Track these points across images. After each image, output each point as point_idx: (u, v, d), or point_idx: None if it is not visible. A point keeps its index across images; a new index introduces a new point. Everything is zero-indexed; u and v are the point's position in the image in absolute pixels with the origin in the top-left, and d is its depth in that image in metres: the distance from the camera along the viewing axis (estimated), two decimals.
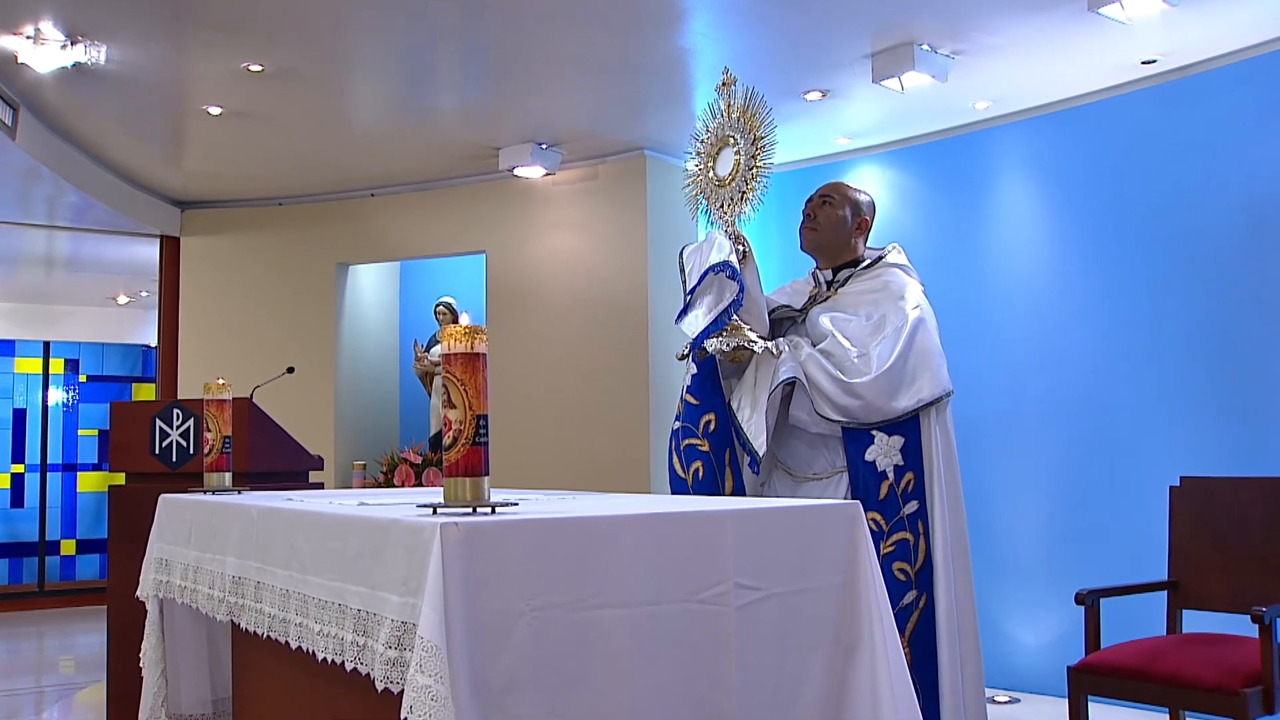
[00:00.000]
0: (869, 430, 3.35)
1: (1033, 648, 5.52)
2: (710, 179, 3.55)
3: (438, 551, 1.80)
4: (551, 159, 6.42)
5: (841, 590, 2.26)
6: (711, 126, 3.59)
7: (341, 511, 2.24)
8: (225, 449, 3.42)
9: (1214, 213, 5.00)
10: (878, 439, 3.35)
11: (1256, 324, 4.83)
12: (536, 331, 6.88)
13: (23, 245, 8.25)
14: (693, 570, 2.07)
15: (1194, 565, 3.89)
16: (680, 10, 4.54)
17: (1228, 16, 4.54)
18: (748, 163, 3.45)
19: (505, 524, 1.89)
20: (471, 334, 1.98)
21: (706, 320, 3.41)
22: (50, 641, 8.83)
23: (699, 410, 3.44)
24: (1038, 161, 5.72)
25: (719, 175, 3.53)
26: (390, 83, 5.51)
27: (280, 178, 7.13)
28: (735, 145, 3.49)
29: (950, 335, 5.83)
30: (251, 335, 7.54)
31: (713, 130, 3.58)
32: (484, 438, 1.98)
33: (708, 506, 2.20)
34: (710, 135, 3.59)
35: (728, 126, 3.54)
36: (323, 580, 2.23)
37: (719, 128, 3.57)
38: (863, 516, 2.31)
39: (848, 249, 3.69)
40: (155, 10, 4.44)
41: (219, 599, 2.83)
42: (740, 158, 3.46)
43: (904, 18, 4.58)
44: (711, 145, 3.58)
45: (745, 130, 3.48)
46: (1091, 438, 5.37)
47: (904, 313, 3.48)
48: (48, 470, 10.42)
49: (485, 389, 2.00)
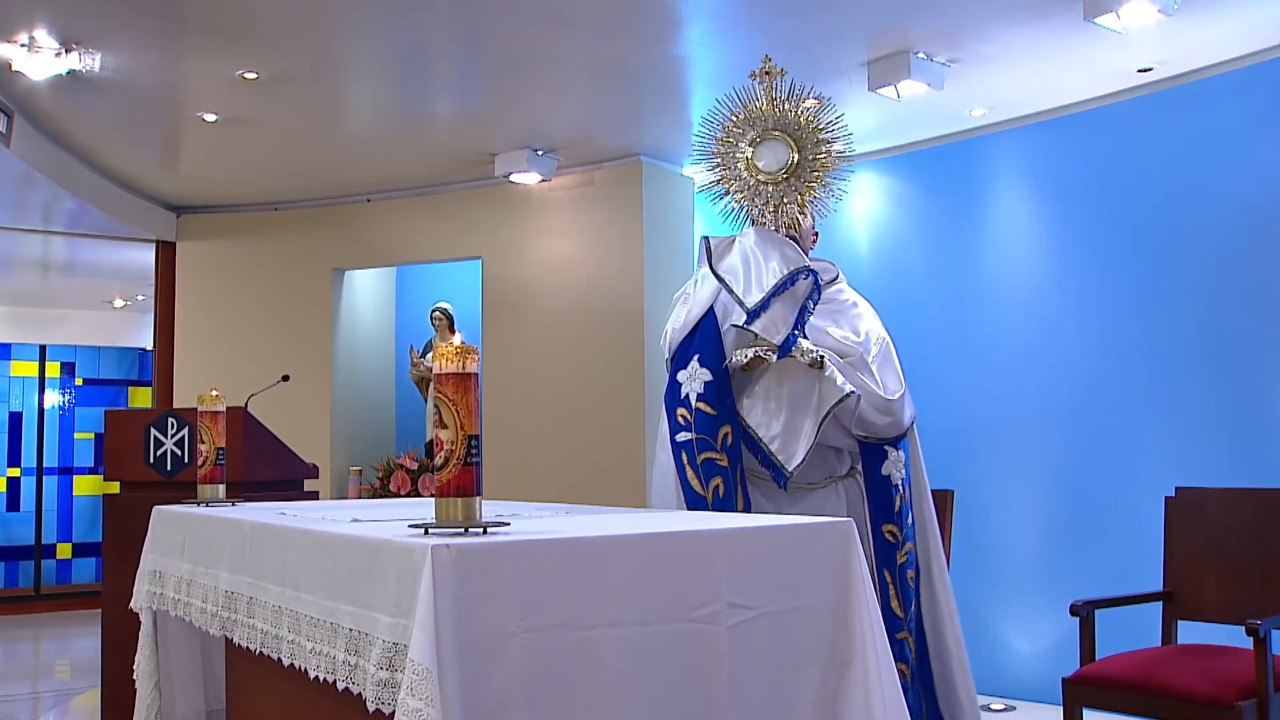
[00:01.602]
0: (884, 445, 3.35)
1: (1028, 655, 5.52)
2: (751, 171, 3.40)
3: (429, 574, 1.80)
4: (547, 165, 6.41)
5: (834, 608, 2.26)
6: (743, 115, 3.42)
7: (333, 530, 2.24)
8: (219, 460, 3.41)
9: (1209, 220, 5.00)
10: (890, 454, 3.36)
11: (1252, 331, 4.83)
12: (533, 337, 6.87)
13: (19, 250, 8.24)
14: (685, 590, 2.07)
15: (1189, 576, 3.89)
16: (676, 18, 4.54)
17: (1223, 25, 4.54)
18: (810, 161, 3.35)
19: (496, 546, 1.89)
20: (463, 354, 1.98)
21: (791, 321, 3.25)
22: (46, 645, 8.83)
23: (716, 422, 3.22)
24: (1034, 168, 5.72)
25: (764, 169, 3.39)
26: (386, 89, 5.51)
27: (276, 183, 7.12)
28: (784, 139, 3.36)
29: (945, 342, 5.88)
30: (247, 341, 7.53)
31: (747, 118, 3.41)
32: (476, 457, 1.98)
33: (699, 525, 2.20)
34: (743, 124, 3.41)
35: (771, 119, 3.40)
36: (315, 598, 2.23)
37: (759, 118, 3.41)
38: (855, 534, 2.31)
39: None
40: (149, 18, 4.43)
41: (212, 613, 2.82)
42: (796, 153, 3.35)
43: (900, 26, 4.58)
44: (748, 134, 3.41)
45: (798, 125, 3.37)
46: (1087, 445, 5.37)
47: (883, 331, 3.51)
48: (44, 474, 10.41)
49: (477, 409, 2.00)
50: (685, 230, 6.80)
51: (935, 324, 5.84)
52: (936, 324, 5.84)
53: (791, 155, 3.37)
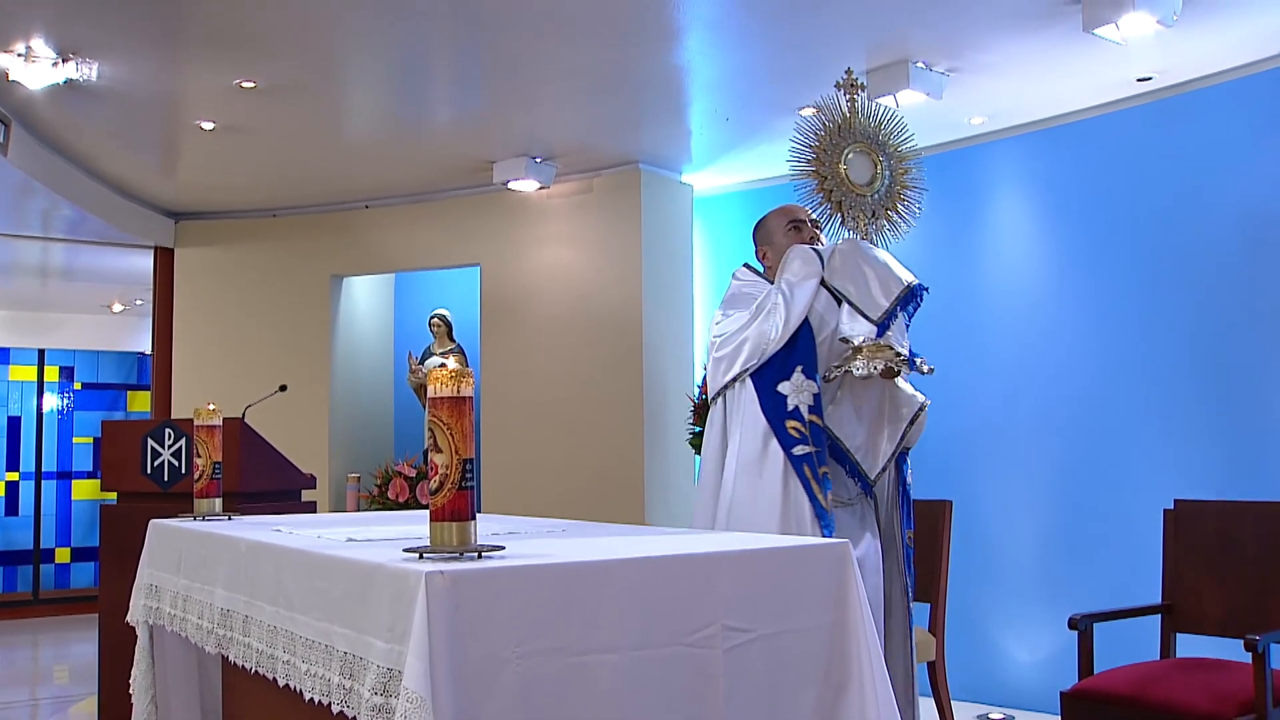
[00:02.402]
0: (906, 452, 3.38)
1: (1027, 664, 5.51)
2: (846, 181, 3.38)
3: (423, 600, 1.79)
4: (546, 173, 6.40)
5: (831, 630, 2.25)
6: (831, 126, 3.41)
7: (328, 551, 2.23)
8: (215, 475, 3.41)
9: (1208, 229, 5.00)
10: (908, 460, 3.40)
11: (1251, 341, 4.83)
12: (531, 344, 6.87)
13: (17, 256, 8.24)
14: (680, 614, 2.06)
15: (1188, 589, 3.88)
16: (675, 28, 4.53)
17: (1223, 35, 4.53)
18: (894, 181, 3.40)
19: (491, 572, 1.88)
20: (458, 378, 1.97)
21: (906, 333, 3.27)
22: (45, 651, 8.82)
23: (824, 434, 3.20)
24: (1033, 176, 5.71)
25: (856, 181, 3.39)
26: (384, 97, 5.50)
27: (274, 189, 7.11)
28: (872, 154, 3.39)
29: (944, 348, 5.87)
30: (246, 346, 7.52)
31: (835, 129, 3.40)
32: (470, 482, 1.98)
33: (695, 548, 2.19)
34: (831, 134, 3.40)
35: (858, 132, 3.41)
36: (310, 620, 2.22)
37: (847, 129, 3.41)
38: (851, 556, 2.30)
39: None
40: (146, 28, 4.42)
41: (208, 630, 2.81)
42: (882, 171, 3.39)
43: (899, 35, 4.57)
44: (836, 145, 3.39)
45: (884, 144, 3.42)
46: (1085, 452, 5.36)
47: None
48: (42, 478, 10.40)
49: (472, 433, 1.99)
50: (684, 237, 6.80)
51: (933, 331, 5.80)
52: (934, 329, 5.81)
53: (879, 170, 3.41)
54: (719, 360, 3.35)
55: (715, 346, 3.40)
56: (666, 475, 6.43)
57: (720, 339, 3.38)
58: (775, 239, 3.53)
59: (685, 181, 6.78)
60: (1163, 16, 4.08)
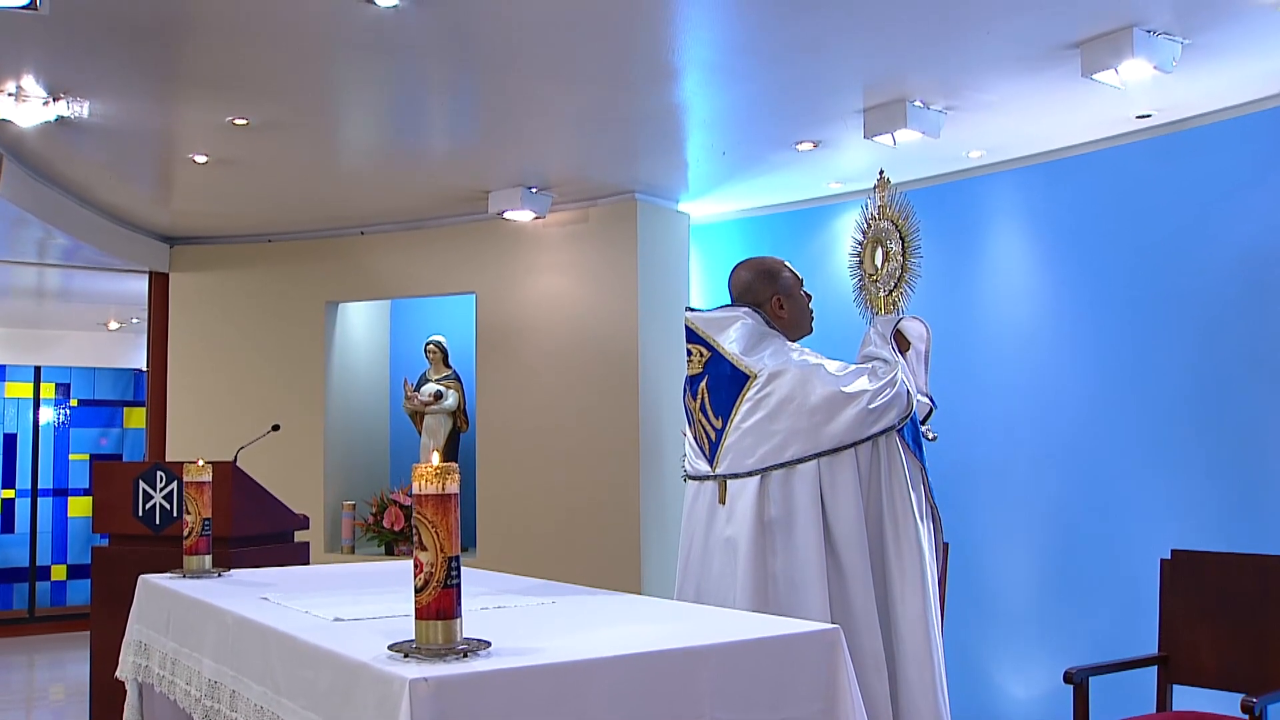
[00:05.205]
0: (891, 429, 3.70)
1: (1022, 700, 5.48)
2: (867, 271, 3.78)
3: (406, 707, 1.79)
4: (541, 203, 6.38)
5: (821, 718, 2.23)
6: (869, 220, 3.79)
7: (313, 640, 2.21)
8: (205, 531, 3.38)
9: (1206, 267, 4.96)
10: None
11: (1250, 383, 4.79)
12: (527, 372, 6.84)
13: (12, 280, 8.22)
14: (670, 709, 2.05)
15: (1184, 640, 3.86)
16: (673, 69, 4.49)
17: (1222, 75, 4.50)
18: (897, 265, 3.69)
19: (475, 677, 1.87)
20: (442, 474, 1.95)
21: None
22: (40, 670, 8.81)
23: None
24: (1031, 210, 5.69)
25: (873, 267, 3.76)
26: (379, 131, 5.47)
27: (269, 216, 7.08)
28: (886, 245, 3.70)
29: (941, 381, 5.83)
30: (241, 371, 7.49)
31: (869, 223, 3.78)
32: (455, 579, 1.96)
33: (682, 641, 2.17)
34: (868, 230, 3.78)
35: (882, 225, 3.74)
36: (296, 706, 2.21)
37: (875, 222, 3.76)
38: (842, 642, 2.28)
39: None
40: (136, 67, 4.38)
41: (196, 698, 2.80)
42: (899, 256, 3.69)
43: (896, 75, 4.54)
44: (869, 239, 3.78)
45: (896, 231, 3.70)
46: (1082, 488, 5.33)
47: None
48: (38, 495, 10.37)
49: (457, 529, 1.97)
50: (680, 267, 6.77)
51: (931, 366, 5.79)
52: (932, 366, 5.79)
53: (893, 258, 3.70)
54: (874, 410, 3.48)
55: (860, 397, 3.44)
56: (662, 504, 6.40)
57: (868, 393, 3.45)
58: (794, 295, 3.65)
59: (682, 210, 6.76)
60: (1161, 63, 4.05)
